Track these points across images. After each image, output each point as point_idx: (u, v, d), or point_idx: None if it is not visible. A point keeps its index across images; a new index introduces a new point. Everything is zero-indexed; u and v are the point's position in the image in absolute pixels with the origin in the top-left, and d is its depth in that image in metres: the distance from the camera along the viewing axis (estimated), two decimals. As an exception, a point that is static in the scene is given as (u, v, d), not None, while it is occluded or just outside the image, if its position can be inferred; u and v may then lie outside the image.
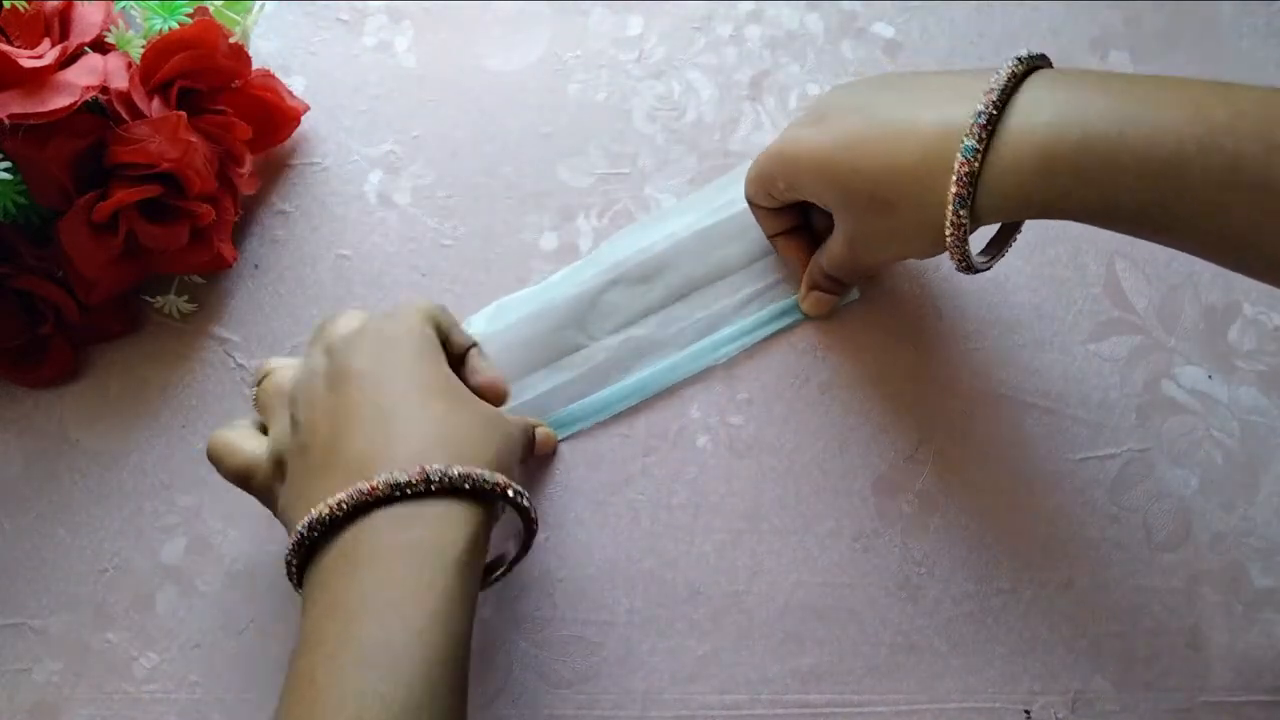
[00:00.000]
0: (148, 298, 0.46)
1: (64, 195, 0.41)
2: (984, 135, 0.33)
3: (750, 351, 0.46)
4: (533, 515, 0.35)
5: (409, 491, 0.31)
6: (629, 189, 0.48)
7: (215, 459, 0.37)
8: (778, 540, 0.44)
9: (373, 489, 0.31)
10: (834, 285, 0.45)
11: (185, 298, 0.46)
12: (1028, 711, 0.43)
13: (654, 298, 0.46)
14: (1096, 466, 0.45)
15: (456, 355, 0.39)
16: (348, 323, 0.37)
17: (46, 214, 0.43)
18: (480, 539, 0.33)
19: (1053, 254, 0.48)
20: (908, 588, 0.44)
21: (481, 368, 0.39)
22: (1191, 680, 0.43)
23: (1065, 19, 0.51)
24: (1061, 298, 0.47)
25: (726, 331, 0.46)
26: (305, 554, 0.33)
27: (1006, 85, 0.34)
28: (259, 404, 0.38)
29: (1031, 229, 0.47)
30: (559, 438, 0.45)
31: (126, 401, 0.46)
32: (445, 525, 0.32)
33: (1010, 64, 0.34)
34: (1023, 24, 0.51)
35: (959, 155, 0.34)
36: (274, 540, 0.44)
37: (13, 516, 0.45)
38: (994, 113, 0.33)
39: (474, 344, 0.39)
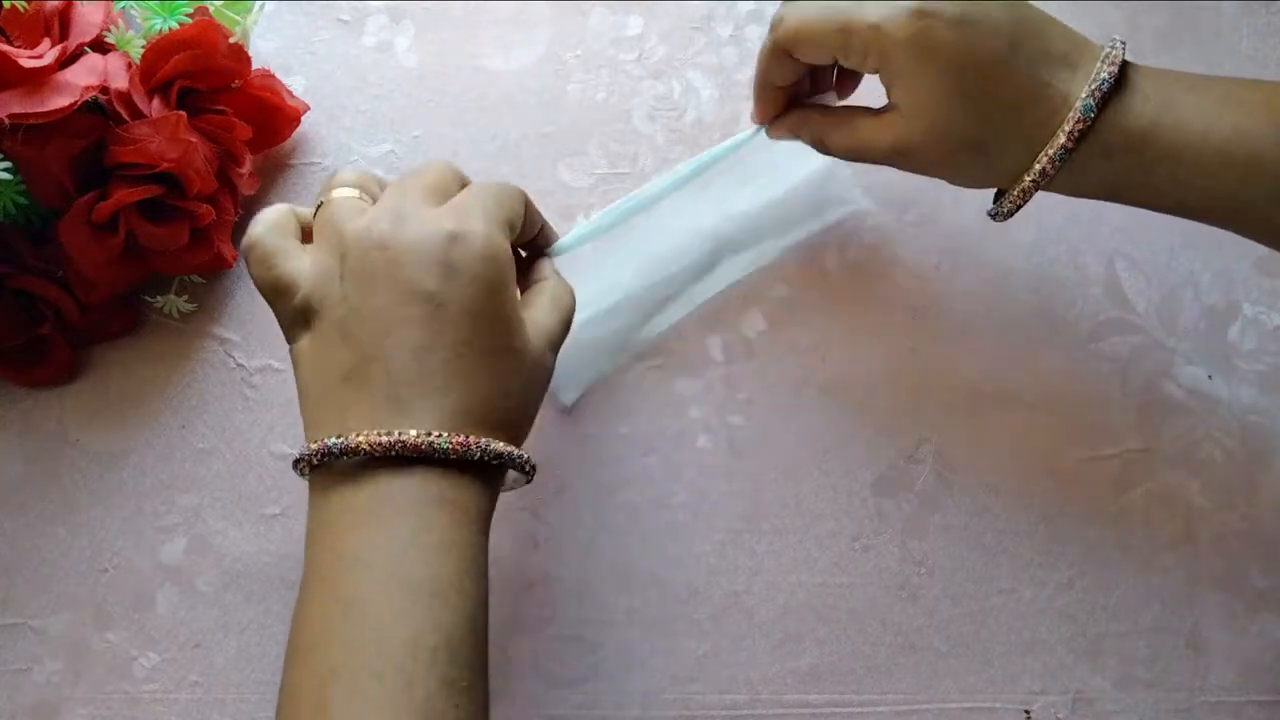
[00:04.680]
0: (148, 298, 0.46)
1: (64, 195, 0.41)
2: (1102, 101, 0.36)
3: (750, 351, 0.46)
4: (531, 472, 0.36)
5: (450, 458, 0.32)
6: (629, 189, 0.48)
7: (254, 261, 0.35)
8: (778, 540, 0.44)
9: (416, 445, 0.32)
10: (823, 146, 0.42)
11: (185, 298, 0.46)
12: (1028, 711, 0.43)
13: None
14: (1096, 466, 0.45)
15: (527, 248, 0.39)
16: (421, 206, 0.35)
17: (46, 214, 0.43)
18: (497, 496, 0.35)
19: (1053, 254, 0.48)
20: (908, 588, 0.44)
21: (549, 284, 0.39)
22: (1191, 680, 0.43)
23: (1065, 19, 0.50)
24: (1061, 298, 0.47)
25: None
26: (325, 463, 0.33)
27: (1123, 62, 0.37)
28: (316, 221, 0.36)
29: (1031, 229, 0.47)
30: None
31: (126, 401, 0.46)
32: (476, 488, 0.34)
33: (1119, 46, 0.37)
34: (1023, 24, 0.51)
35: (1076, 110, 0.36)
36: (274, 540, 0.44)
37: (13, 516, 0.45)
38: (1113, 82, 0.36)
39: (549, 245, 0.40)
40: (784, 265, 0.47)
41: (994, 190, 0.40)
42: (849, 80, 0.43)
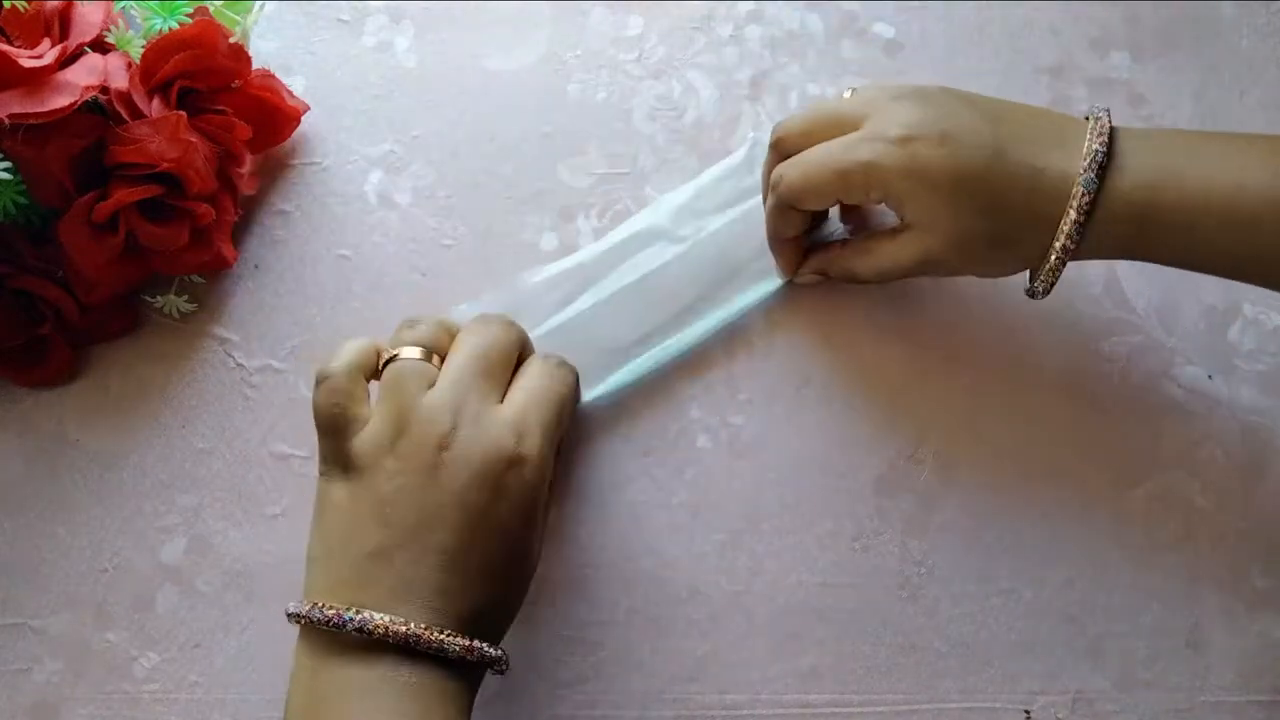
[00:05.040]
0: (148, 298, 0.46)
1: (64, 195, 0.41)
2: (1100, 172, 0.37)
3: (750, 351, 0.46)
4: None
5: (451, 657, 0.34)
6: (629, 189, 0.48)
7: (323, 392, 0.36)
8: (778, 540, 0.44)
9: (429, 641, 0.33)
10: (843, 278, 0.45)
11: (185, 298, 0.46)
12: (1028, 711, 0.43)
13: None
14: (1097, 467, 0.45)
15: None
16: (486, 401, 0.36)
17: (46, 214, 0.43)
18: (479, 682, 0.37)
19: (1053, 254, 0.48)
20: (908, 588, 0.44)
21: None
22: (1191, 680, 0.43)
23: (1065, 19, 0.51)
24: (1061, 298, 0.47)
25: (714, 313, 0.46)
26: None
27: (1111, 129, 0.38)
28: (384, 378, 0.37)
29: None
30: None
31: (126, 401, 0.46)
32: (471, 677, 0.36)
33: (1103, 114, 0.39)
34: (1023, 24, 0.51)
35: (1079, 186, 0.37)
36: (274, 540, 0.44)
37: (13, 516, 0.45)
38: (1105, 151, 0.38)
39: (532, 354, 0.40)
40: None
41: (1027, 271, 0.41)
42: (853, 207, 0.45)
